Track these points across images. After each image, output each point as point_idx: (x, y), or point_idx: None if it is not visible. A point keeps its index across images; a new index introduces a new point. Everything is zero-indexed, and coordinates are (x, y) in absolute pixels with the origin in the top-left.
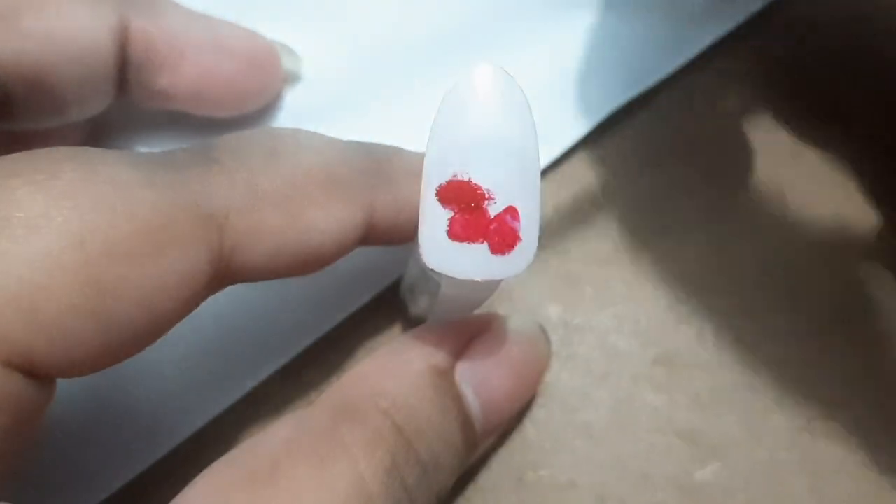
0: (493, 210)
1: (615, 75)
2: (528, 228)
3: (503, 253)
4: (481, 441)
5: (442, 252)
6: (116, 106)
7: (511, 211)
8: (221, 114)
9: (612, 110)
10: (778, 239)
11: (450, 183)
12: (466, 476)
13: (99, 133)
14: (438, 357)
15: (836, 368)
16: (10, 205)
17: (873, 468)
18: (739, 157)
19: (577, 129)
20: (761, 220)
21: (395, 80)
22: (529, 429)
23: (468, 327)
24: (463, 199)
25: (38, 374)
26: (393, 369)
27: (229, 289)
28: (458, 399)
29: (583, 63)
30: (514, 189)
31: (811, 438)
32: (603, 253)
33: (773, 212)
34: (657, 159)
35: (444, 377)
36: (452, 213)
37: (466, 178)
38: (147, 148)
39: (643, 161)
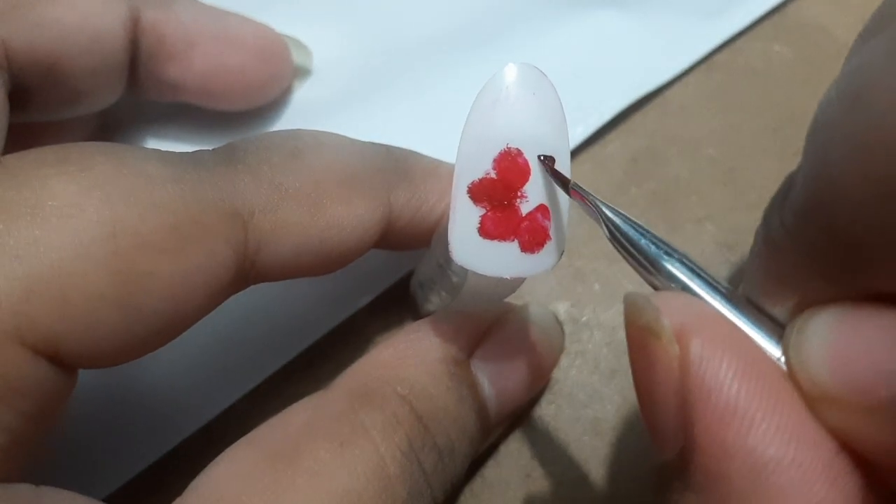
0: (525, 208)
1: (623, 74)
2: (558, 227)
3: (533, 251)
4: (494, 429)
5: (472, 249)
6: (126, 100)
7: (542, 209)
8: (230, 107)
9: (620, 109)
10: None
11: (482, 181)
12: (475, 471)
13: (109, 127)
14: (456, 346)
15: None
16: (44, 192)
17: None
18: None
19: (586, 127)
20: None
21: (403, 75)
22: (538, 424)
23: (486, 316)
24: (495, 196)
25: (64, 363)
26: (411, 357)
27: None
28: (474, 388)
29: (590, 62)
30: (545, 188)
31: None
32: (611, 250)
33: None
34: (664, 157)
35: (462, 366)
36: (484, 211)
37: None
38: (157, 142)
39: (649, 159)
